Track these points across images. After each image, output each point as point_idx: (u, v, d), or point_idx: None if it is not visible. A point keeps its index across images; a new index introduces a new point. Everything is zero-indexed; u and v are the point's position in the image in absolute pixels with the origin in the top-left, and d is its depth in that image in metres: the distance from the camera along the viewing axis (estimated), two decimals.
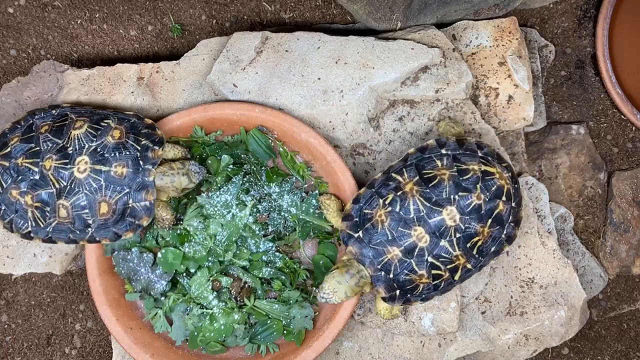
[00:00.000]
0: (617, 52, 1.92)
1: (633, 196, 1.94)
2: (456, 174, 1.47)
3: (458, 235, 1.45)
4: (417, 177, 1.49)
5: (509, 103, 1.75)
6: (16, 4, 1.90)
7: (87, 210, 1.48)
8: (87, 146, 1.49)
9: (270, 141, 1.69)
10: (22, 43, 1.91)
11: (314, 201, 1.66)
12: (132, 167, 1.49)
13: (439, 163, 1.50)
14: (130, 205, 1.50)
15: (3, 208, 1.53)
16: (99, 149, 1.49)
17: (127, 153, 1.49)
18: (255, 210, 1.66)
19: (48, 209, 1.49)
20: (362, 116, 1.69)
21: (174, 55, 1.92)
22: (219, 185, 1.65)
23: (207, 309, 1.65)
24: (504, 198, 1.48)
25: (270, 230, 1.68)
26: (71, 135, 1.50)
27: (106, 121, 1.54)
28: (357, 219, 1.52)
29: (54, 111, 1.60)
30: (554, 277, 1.71)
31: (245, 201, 1.66)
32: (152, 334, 1.67)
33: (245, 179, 1.67)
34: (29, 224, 1.53)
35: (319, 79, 1.69)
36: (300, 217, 1.66)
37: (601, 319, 1.97)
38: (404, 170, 1.52)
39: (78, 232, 1.51)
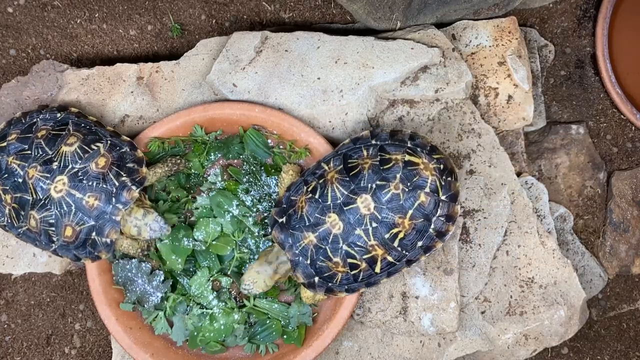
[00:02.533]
0: (617, 52, 1.92)
1: (633, 196, 1.94)
2: (377, 163, 1.45)
3: (375, 224, 1.43)
4: (341, 166, 1.48)
5: (509, 103, 1.75)
6: (16, 3, 1.90)
7: (53, 229, 1.51)
8: (70, 166, 1.51)
9: (268, 140, 1.69)
10: (22, 43, 1.91)
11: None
12: (104, 202, 1.51)
13: (365, 153, 1.50)
14: (92, 237, 1.52)
15: None
16: (79, 174, 1.51)
17: (104, 186, 1.51)
18: (255, 210, 1.66)
19: (22, 213, 1.53)
20: (361, 116, 1.69)
21: (174, 55, 1.92)
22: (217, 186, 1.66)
23: (207, 309, 1.65)
24: (427, 190, 1.44)
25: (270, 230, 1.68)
26: (60, 150, 1.53)
27: (97, 144, 1.55)
28: (284, 206, 1.53)
29: (58, 115, 1.61)
30: (553, 276, 1.71)
31: (245, 201, 1.66)
32: (152, 333, 1.67)
33: (245, 179, 1.67)
34: (5, 219, 1.58)
35: (318, 78, 1.69)
36: None
37: (601, 319, 1.97)
38: (331, 159, 1.52)
39: (43, 243, 1.55)
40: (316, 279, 1.50)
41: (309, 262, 1.48)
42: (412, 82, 1.70)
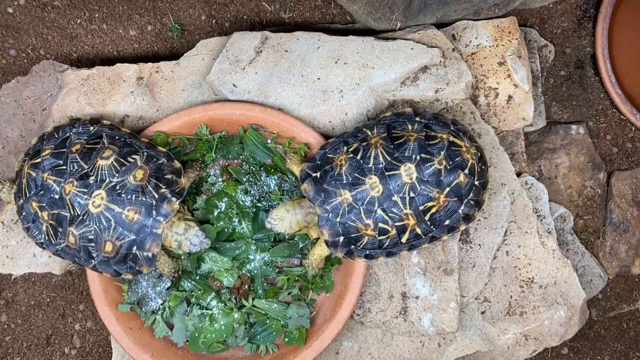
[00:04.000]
0: (617, 52, 1.92)
1: (632, 196, 1.94)
2: (423, 138, 1.48)
3: (412, 194, 1.45)
4: (385, 134, 1.50)
5: (509, 103, 1.75)
6: (16, 3, 1.90)
7: (93, 244, 1.49)
8: (107, 180, 1.49)
9: (268, 141, 1.69)
10: (22, 43, 1.91)
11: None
12: (144, 215, 1.49)
13: (409, 127, 1.52)
14: (133, 251, 1.50)
15: (24, 214, 1.56)
16: (117, 187, 1.49)
17: (143, 199, 1.49)
18: (254, 210, 1.66)
19: (60, 230, 1.51)
20: (361, 116, 1.69)
21: (174, 55, 1.92)
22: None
23: (207, 309, 1.65)
24: (466, 171, 1.48)
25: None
26: (97, 164, 1.51)
27: (134, 157, 1.53)
28: (319, 162, 1.54)
29: (91, 128, 1.60)
30: (553, 277, 1.71)
31: (245, 201, 1.66)
32: (152, 334, 1.67)
33: (244, 178, 1.67)
34: (42, 236, 1.55)
35: (318, 78, 1.69)
36: None
37: (601, 319, 1.97)
38: (375, 127, 1.54)
39: (82, 259, 1.53)
40: (341, 238, 1.50)
41: (338, 219, 1.48)
42: (412, 83, 1.70)
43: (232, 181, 1.68)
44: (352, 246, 1.51)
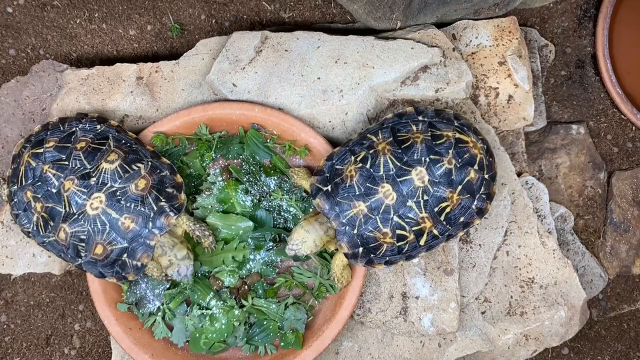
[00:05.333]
0: (617, 52, 1.92)
1: (633, 196, 1.93)
2: (430, 138, 1.48)
3: (426, 197, 1.45)
4: (391, 138, 1.50)
5: (509, 103, 1.75)
6: (15, 3, 1.89)
7: (83, 244, 1.50)
8: (109, 185, 1.49)
9: (267, 141, 1.69)
10: (21, 42, 1.91)
11: (313, 201, 1.66)
12: (140, 225, 1.49)
13: (414, 128, 1.52)
14: (123, 258, 1.51)
15: (16, 200, 1.56)
16: (118, 193, 1.49)
17: (142, 209, 1.49)
18: (255, 210, 1.66)
19: (52, 223, 1.51)
20: (361, 116, 1.69)
21: (174, 55, 1.92)
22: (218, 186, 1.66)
23: (207, 309, 1.64)
24: (476, 167, 1.48)
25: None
26: (100, 166, 1.51)
27: (139, 165, 1.53)
28: (327, 174, 1.53)
29: (98, 126, 1.59)
30: (554, 277, 1.71)
31: (245, 201, 1.66)
32: (152, 334, 1.67)
33: (244, 178, 1.67)
34: (31, 226, 1.55)
35: (318, 78, 1.68)
36: (300, 216, 1.66)
37: (601, 319, 1.97)
38: (379, 131, 1.53)
39: (69, 256, 1.53)
40: (361, 249, 1.50)
41: (355, 231, 1.48)
42: (413, 82, 1.70)
43: (233, 180, 1.67)
44: (372, 255, 1.51)
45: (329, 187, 1.50)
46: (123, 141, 1.57)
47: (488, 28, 1.76)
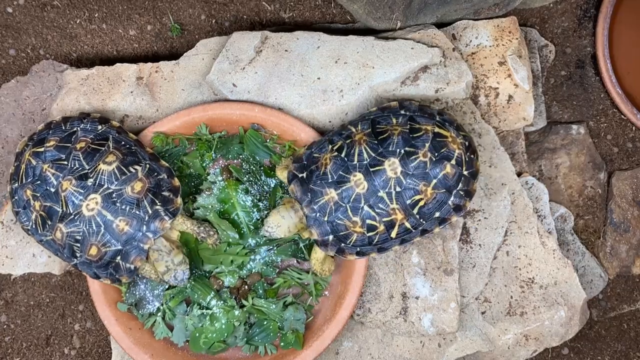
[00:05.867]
0: (617, 52, 1.92)
1: (633, 196, 1.93)
2: (407, 131, 1.48)
3: (398, 189, 1.45)
4: (369, 130, 1.50)
5: (509, 103, 1.74)
6: (15, 3, 1.89)
7: (78, 245, 1.50)
8: (105, 186, 1.49)
9: (267, 141, 1.69)
10: (21, 43, 1.91)
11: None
12: (135, 228, 1.49)
13: (394, 120, 1.52)
14: (117, 260, 1.51)
15: (16, 198, 1.57)
16: (114, 195, 1.49)
17: (137, 212, 1.49)
18: (255, 209, 1.66)
19: (49, 222, 1.52)
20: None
21: (173, 55, 1.92)
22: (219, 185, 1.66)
23: (207, 309, 1.65)
24: (453, 162, 1.47)
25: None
26: (98, 167, 1.51)
27: (136, 167, 1.53)
28: (305, 162, 1.54)
29: (100, 127, 1.59)
30: (554, 277, 1.71)
31: (245, 201, 1.66)
32: (152, 334, 1.67)
33: (245, 178, 1.67)
34: (30, 224, 1.56)
35: (318, 78, 1.68)
36: None
37: (601, 319, 1.97)
38: (359, 123, 1.54)
39: (65, 256, 1.54)
40: (331, 237, 1.50)
41: (326, 219, 1.49)
42: (413, 82, 1.70)
43: (233, 180, 1.67)
44: (343, 244, 1.51)
45: (304, 174, 1.51)
46: (122, 143, 1.57)
47: (488, 28, 1.76)
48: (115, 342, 1.71)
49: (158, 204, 1.52)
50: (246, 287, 1.67)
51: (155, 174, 1.55)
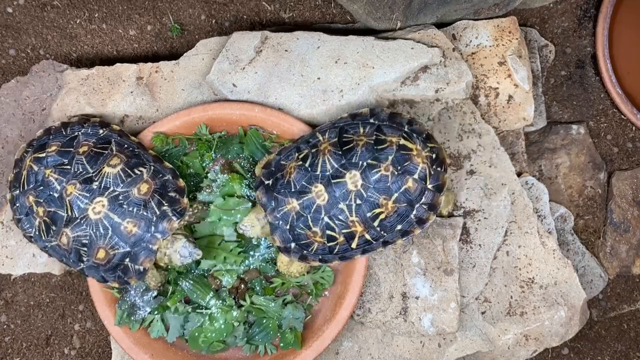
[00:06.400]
0: (617, 52, 1.92)
1: (633, 196, 1.93)
2: (372, 142, 1.47)
3: (359, 202, 1.45)
4: (335, 139, 1.50)
5: (509, 103, 1.75)
6: (15, 3, 1.89)
7: (85, 249, 1.49)
8: (111, 189, 1.49)
9: (265, 141, 1.69)
10: (21, 43, 1.91)
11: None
12: (143, 229, 1.49)
13: (361, 130, 1.51)
14: (125, 263, 1.50)
15: (17, 205, 1.56)
16: (120, 198, 1.49)
17: (144, 213, 1.49)
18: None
19: (54, 228, 1.51)
20: None
21: (173, 55, 1.92)
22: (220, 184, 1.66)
23: (205, 309, 1.65)
24: (415, 176, 1.46)
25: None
26: (103, 170, 1.50)
27: (141, 169, 1.53)
28: (273, 168, 1.54)
29: (101, 131, 1.59)
30: (554, 277, 1.71)
31: (250, 196, 1.66)
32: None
33: (247, 175, 1.67)
34: (33, 230, 1.55)
35: (318, 78, 1.69)
36: None
37: (601, 319, 1.97)
38: (327, 131, 1.54)
39: (71, 261, 1.53)
40: (292, 244, 1.51)
41: (288, 227, 1.49)
42: (412, 82, 1.70)
43: (237, 174, 1.67)
44: (305, 251, 1.52)
45: (270, 182, 1.52)
46: (125, 145, 1.57)
47: (488, 28, 1.76)
48: (115, 342, 1.71)
49: (165, 204, 1.52)
50: (244, 286, 1.67)
51: (161, 175, 1.55)
